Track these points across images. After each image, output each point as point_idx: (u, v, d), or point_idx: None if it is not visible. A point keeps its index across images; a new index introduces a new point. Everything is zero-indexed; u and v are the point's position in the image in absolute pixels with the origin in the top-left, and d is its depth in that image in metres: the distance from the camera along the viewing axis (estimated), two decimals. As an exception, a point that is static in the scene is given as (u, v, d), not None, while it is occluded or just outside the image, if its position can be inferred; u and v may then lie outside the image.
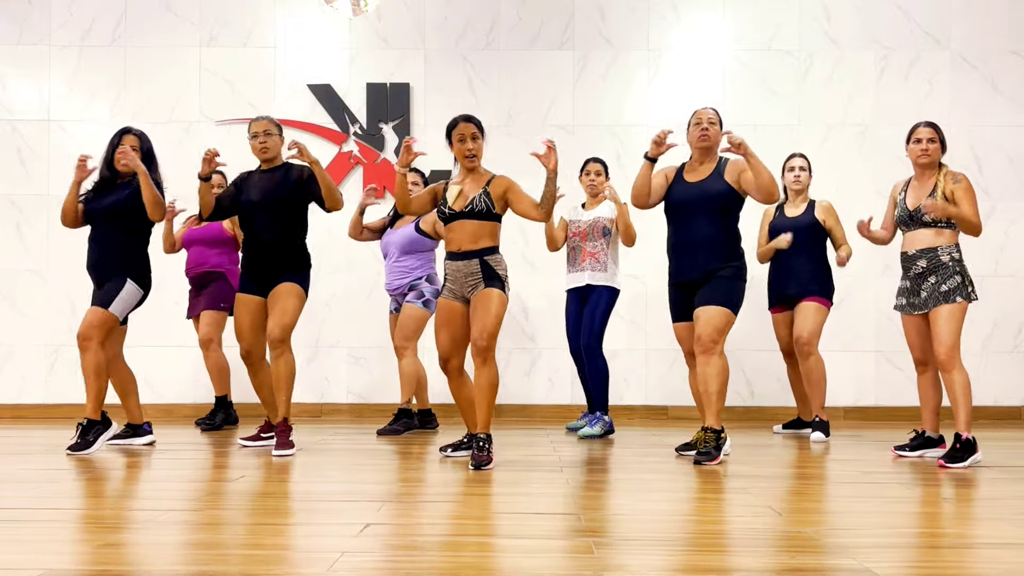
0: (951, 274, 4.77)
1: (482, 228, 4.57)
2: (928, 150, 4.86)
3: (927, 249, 4.83)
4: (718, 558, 2.61)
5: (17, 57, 7.56)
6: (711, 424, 4.68)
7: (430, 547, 2.73)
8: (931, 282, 4.81)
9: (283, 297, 5.03)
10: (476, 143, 4.60)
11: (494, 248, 4.61)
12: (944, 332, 4.71)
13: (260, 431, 5.40)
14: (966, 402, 4.68)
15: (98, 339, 5.08)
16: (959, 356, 4.72)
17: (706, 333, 4.67)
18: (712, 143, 4.87)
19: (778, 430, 6.36)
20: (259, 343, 5.17)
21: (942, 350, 4.71)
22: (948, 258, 4.79)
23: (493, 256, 4.58)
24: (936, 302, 4.77)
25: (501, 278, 4.56)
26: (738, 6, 7.54)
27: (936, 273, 4.80)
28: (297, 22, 7.57)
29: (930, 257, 4.82)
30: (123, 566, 2.49)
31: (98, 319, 5.08)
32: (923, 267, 4.84)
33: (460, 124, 4.60)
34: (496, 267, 4.56)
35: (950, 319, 4.72)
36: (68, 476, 4.17)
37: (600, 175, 6.16)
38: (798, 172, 6.05)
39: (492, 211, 4.57)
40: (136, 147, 5.26)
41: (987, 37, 7.48)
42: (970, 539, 2.92)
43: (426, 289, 6.02)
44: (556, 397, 7.39)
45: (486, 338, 4.47)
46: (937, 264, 4.80)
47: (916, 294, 4.90)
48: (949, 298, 4.74)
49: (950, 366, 4.70)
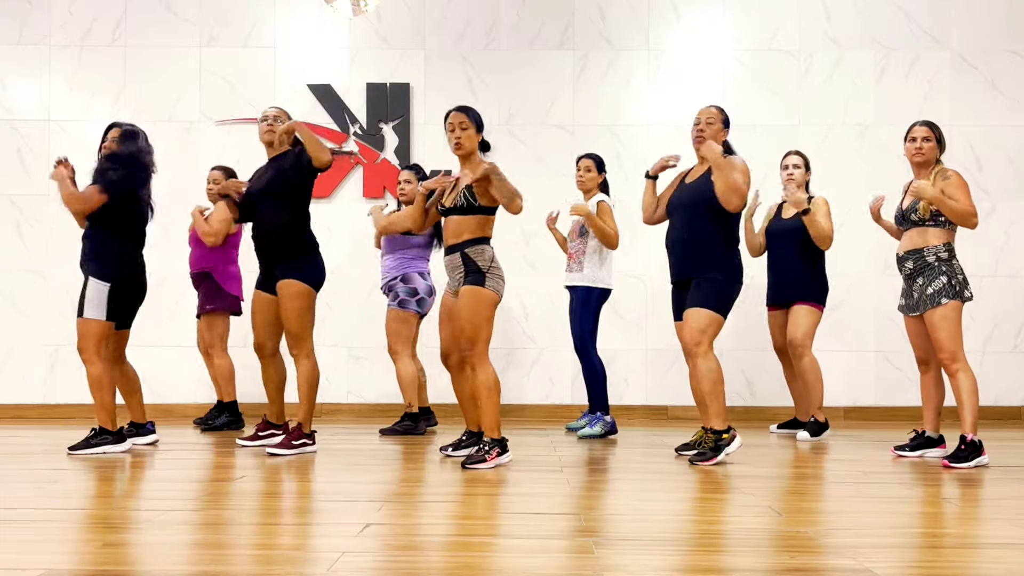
0: (936, 275, 4.72)
1: (465, 222, 4.57)
2: (923, 148, 4.84)
3: (913, 250, 4.81)
4: (718, 558, 2.61)
5: (17, 57, 7.56)
6: (713, 424, 4.67)
7: (430, 547, 2.73)
8: (919, 283, 4.79)
9: (283, 303, 4.98)
10: (465, 132, 4.60)
11: (477, 239, 4.57)
12: (941, 338, 4.68)
13: (258, 429, 5.39)
14: (972, 404, 4.64)
15: (91, 350, 4.97)
16: (963, 357, 4.68)
17: (688, 335, 4.66)
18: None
19: (774, 430, 6.37)
20: (272, 338, 5.17)
21: (943, 356, 4.70)
22: (934, 258, 4.75)
23: (475, 247, 4.55)
24: (925, 306, 4.75)
25: (482, 270, 4.51)
26: (738, 6, 7.54)
27: (923, 274, 4.77)
28: (297, 22, 7.57)
29: (916, 258, 4.80)
30: (123, 566, 2.49)
31: (82, 330, 4.98)
32: (911, 268, 4.82)
33: (451, 114, 4.66)
34: (477, 259, 4.53)
35: (943, 323, 4.67)
36: (68, 476, 4.18)
37: (590, 171, 6.08)
38: (791, 170, 6.04)
39: (473, 204, 4.55)
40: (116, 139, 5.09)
41: (987, 37, 7.48)
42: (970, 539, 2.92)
43: (400, 290, 5.99)
44: (556, 397, 7.39)
45: (468, 345, 4.49)
46: (923, 265, 4.77)
47: (910, 295, 4.91)
48: (935, 300, 4.69)
49: (955, 369, 4.68)
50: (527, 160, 7.42)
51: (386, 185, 7.41)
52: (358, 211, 7.40)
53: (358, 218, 7.42)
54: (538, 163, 7.43)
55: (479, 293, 4.49)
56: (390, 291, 6.05)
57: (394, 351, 5.98)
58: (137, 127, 5.25)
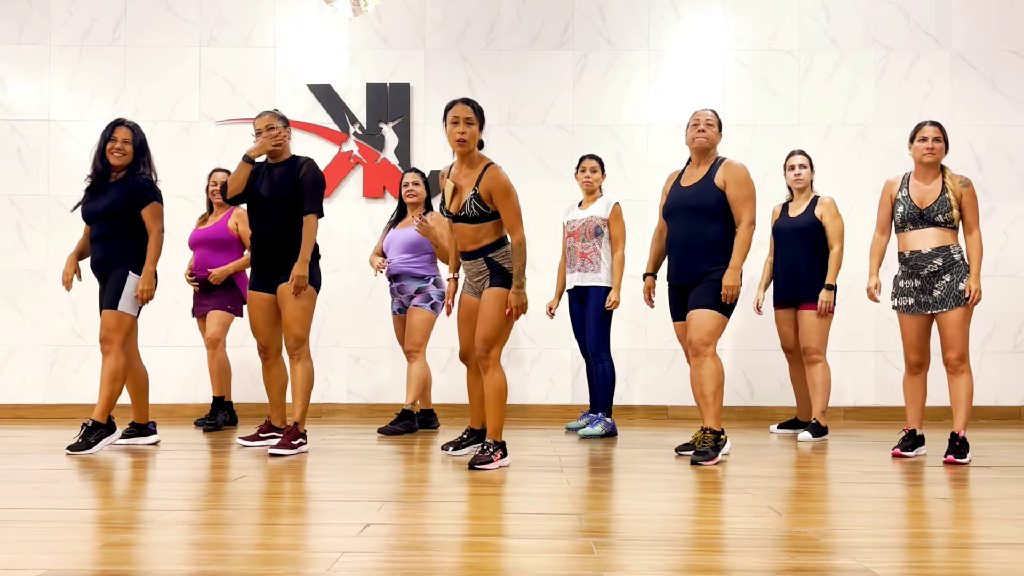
0: (965, 273, 4.81)
1: (481, 229, 4.48)
2: (933, 149, 4.88)
3: (942, 247, 4.84)
4: (718, 558, 2.61)
5: (17, 57, 7.56)
6: (710, 425, 4.69)
7: (430, 547, 2.73)
8: (946, 280, 4.82)
9: (288, 303, 5.00)
10: (470, 128, 4.37)
11: (498, 242, 4.50)
12: (958, 336, 4.77)
13: (260, 431, 5.40)
14: (970, 405, 4.80)
15: (118, 342, 5.06)
16: (969, 359, 4.81)
17: (697, 337, 4.67)
18: (708, 145, 4.85)
19: (774, 430, 6.37)
20: (275, 338, 5.18)
21: (955, 355, 4.77)
22: (959, 257, 4.85)
23: (498, 251, 4.50)
24: (956, 302, 4.78)
25: (508, 272, 4.48)
26: (738, 6, 7.54)
27: (951, 271, 4.82)
28: (297, 22, 7.57)
29: (945, 256, 4.83)
30: (123, 566, 2.49)
31: (113, 322, 5.05)
32: (939, 265, 4.83)
33: (456, 106, 4.40)
34: (502, 262, 4.49)
35: (964, 322, 4.78)
36: (68, 476, 4.17)
37: (596, 171, 6.11)
38: (798, 170, 6.04)
39: (486, 213, 4.44)
40: (128, 139, 5.16)
41: (987, 37, 7.48)
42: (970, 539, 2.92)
43: (433, 292, 6.09)
44: (556, 397, 7.39)
45: (484, 347, 4.45)
46: (952, 263, 4.83)
47: (928, 292, 4.88)
48: (963, 299, 4.78)
49: (962, 370, 4.78)
50: (527, 160, 7.42)
51: (386, 185, 7.41)
52: (358, 211, 7.41)
53: (358, 218, 7.42)
54: (538, 163, 7.43)
55: (501, 295, 4.45)
56: (419, 293, 6.09)
57: (413, 352, 6.05)
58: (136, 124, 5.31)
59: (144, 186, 5.14)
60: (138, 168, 5.19)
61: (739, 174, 4.73)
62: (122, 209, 5.11)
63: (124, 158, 5.16)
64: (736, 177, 4.73)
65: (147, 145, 5.29)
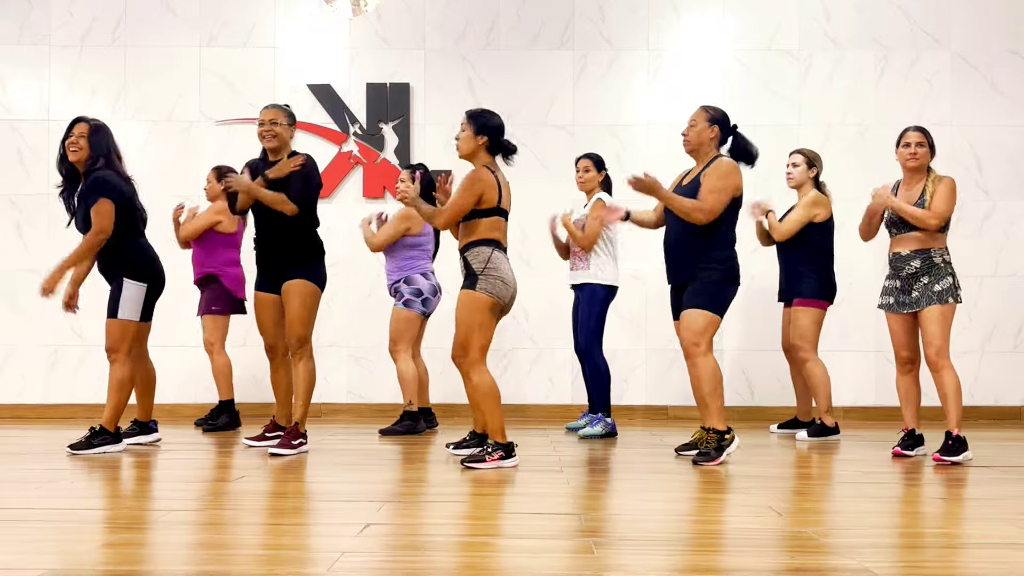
0: (944, 275, 4.85)
1: (464, 227, 4.58)
2: (916, 154, 4.92)
3: (921, 250, 4.88)
4: (718, 558, 2.61)
5: (17, 57, 7.56)
6: (713, 425, 4.67)
7: (430, 547, 2.74)
8: (924, 282, 4.87)
9: (292, 301, 4.99)
10: (464, 134, 4.59)
11: (477, 241, 4.52)
12: (936, 333, 4.79)
13: (265, 430, 5.38)
14: (958, 401, 4.78)
15: (124, 350, 5.00)
16: (949, 356, 4.81)
17: (685, 337, 4.68)
18: (693, 146, 4.87)
19: (774, 430, 6.37)
20: (282, 337, 5.17)
21: (932, 351, 4.81)
22: (940, 260, 4.87)
23: (472, 250, 4.52)
24: (929, 301, 4.83)
25: (475, 273, 4.47)
26: (738, 6, 7.54)
27: (929, 274, 4.87)
28: (297, 22, 7.57)
29: (924, 258, 4.88)
30: (124, 566, 2.49)
31: (116, 330, 5.01)
32: (916, 267, 4.89)
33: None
34: (473, 261, 4.50)
35: (942, 320, 4.80)
36: (68, 476, 4.18)
37: (589, 171, 6.13)
38: (789, 169, 6.09)
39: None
40: (84, 133, 4.96)
41: (987, 37, 7.48)
42: (970, 539, 2.92)
43: (404, 290, 6.04)
44: (556, 397, 7.39)
45: (458, 351, 4.48)
46: (931, 265, 4.87)
47: (907, 292, 4.93)
48: (942, 298, 4.81)
49: (941, 366, 4.79)
50: (527, 160, 7.40)
51: (386, 185, 7.41)
52: (358, 211, 7.40)
53: (358, 218, 7.42)
54: (538, 163, 7.43)
55: (469, 297, 4.46)
56: (396, 293, 6.09)
57: (395, 350, 6.02)
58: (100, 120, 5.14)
59: (95, 182, 4.93)
60: (95, 164, 4.96)
61: (720, 167, 4.72)
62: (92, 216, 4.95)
63: (79, 153, 4.97)
64: (715, 169, 4.72)
65: (109, 140, 5.04)
